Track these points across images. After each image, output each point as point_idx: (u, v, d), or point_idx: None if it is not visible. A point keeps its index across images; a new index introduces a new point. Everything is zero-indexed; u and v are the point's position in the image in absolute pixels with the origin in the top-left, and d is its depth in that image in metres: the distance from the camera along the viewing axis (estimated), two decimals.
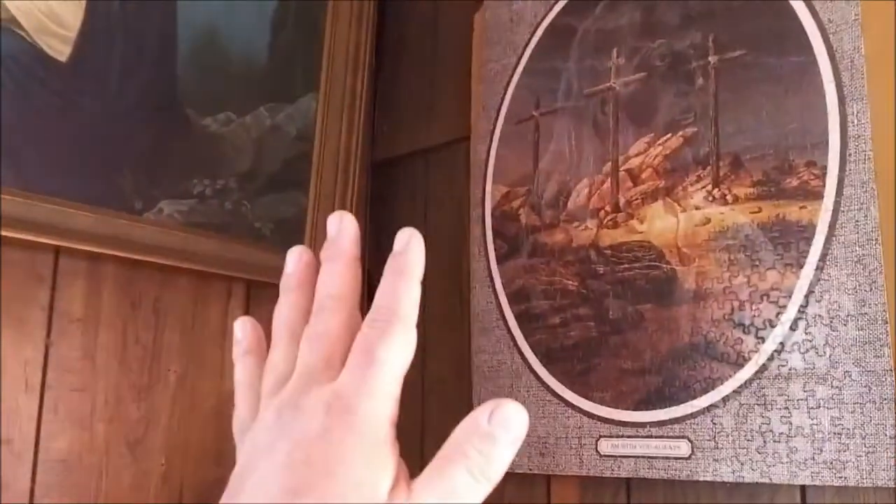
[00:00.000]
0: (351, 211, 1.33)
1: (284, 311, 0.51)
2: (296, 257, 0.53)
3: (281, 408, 0.44)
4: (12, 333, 1.00)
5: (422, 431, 1.25)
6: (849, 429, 0.82)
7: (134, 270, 1.11)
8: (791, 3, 0.93)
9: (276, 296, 1.36)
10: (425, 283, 1.44)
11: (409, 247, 0.48)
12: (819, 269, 0.86)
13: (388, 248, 1.56)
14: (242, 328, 0.54)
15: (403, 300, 0.45)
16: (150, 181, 1.12)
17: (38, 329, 1.02)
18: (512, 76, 1.21)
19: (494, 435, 0.42)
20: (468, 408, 1.16)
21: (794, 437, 0.85)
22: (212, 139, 1.20)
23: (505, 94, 1.21)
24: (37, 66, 1.03)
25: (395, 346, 0.44)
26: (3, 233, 0.97)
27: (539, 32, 1.19)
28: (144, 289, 1.12)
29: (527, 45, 1.20)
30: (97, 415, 1.06)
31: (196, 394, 1.15)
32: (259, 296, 1.24)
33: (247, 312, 1.23)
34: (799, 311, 0.87)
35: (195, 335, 1.17)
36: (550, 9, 1.18)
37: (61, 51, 1.06)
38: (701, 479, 0.91)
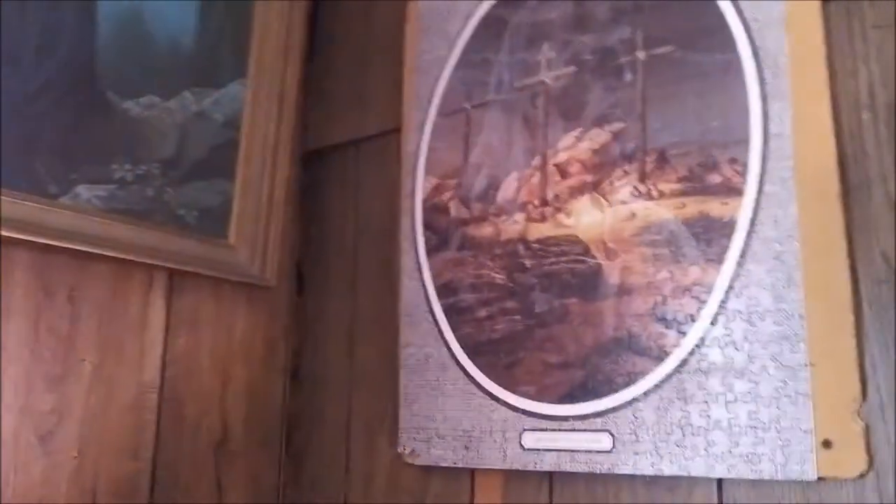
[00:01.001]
0: (278, 200, 1.31)
1: None
2: None
3: None
4: None
5: (348, 424, 1.24)
6: (765, 422, 0.83)
7: (48, 257, 1.06)
8: (717, 0, 0.94)
9: (201, 286, 1.31)
10: (356, 275, 1.42)
11: None
12: (739, 264, 0.87)
13: (318, 239, 1.54)
14: None
15: None
16: (67, 165, 1.08)
17: None
18: (444, 68, 1.20)
19: None
20: (395, 401, 1.15)
21: (712, 430, 0.86)
22: (133, 123, 1.16)
23: (437, 85, 1.20)
24: None
25: None
26: None
27: (472, 24, 1.18)
28: (59, 276, 1.08)
29: (459, 36, 1.19)
30: (5, 405, 1.01)
31: (113, 385, 1.12)
32: (182, 285, 1.21)
33: (169, 302, 1.19)
34: (719, 306, 0.88)
35: (113, 325, 1.13)
36: (483, 0, 1.17)
37: None
38: (621, 472, 0.92)
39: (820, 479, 0.79)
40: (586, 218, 1.00)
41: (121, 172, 1.14)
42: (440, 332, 1.11)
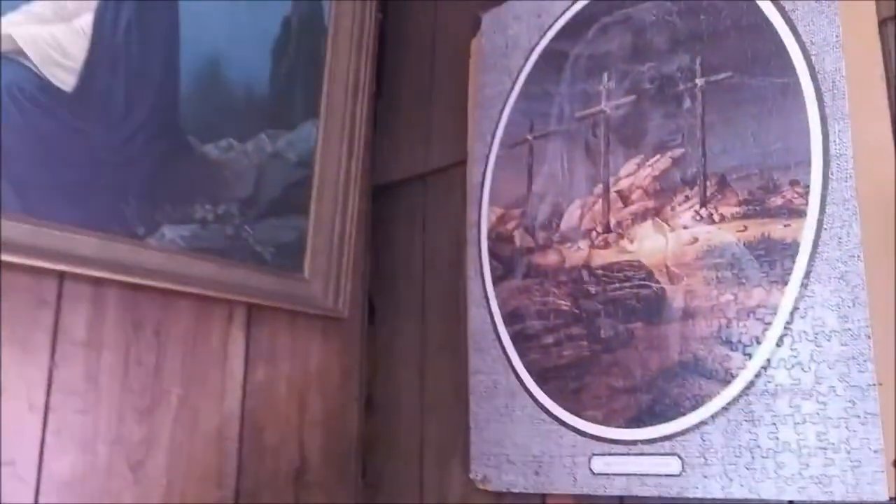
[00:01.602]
0: (350, 234, 1.35)
1: None
2: None
3: None
4: (17, 356, 1.02)
5: (420, 450, 1.26)
6: (834, 444, 0.82)
7: (136, 294, 1.13)
8: (775, 25, 0.95)
9: (278, 319, 1.36)
10: (425, 304, 1.44)
11: None
12: (803, 285, 0.87)
13: (387, 270, 1.57)
14: None
15: None
16: (153, 207, 1.15)
17: (42, 352, 1.04)
18: (507, 101, 1.23)
19: None
20: (465, 427, 1.18)
21: (781, 452, 0.86)
22: (213, 165, 1.23)
23: (500, 118, 1.23)
24: (42, 96, 1.07)
25: None
26: (8, 258, 1.00)
27: (533, 58, 1.21)
28: (147, 312, 1.14)
29: (521, 70, 1.22)
30: (100, 437, 1.07)
31: (198, 416, 1.17)
32: (260, 319, 1.26)
33: (248, 335, 1.25)
34: (784, 327, 0.88)
35: (197, 357, 1.18)
36: (544, 35, 1.20)
37: (66, 81, 1.09)
38: (691, 495, 0.92)
39: (892, 499, 0.78)
40: (649, 243, 1.01)
41: (202, 213, 1.20)
42: (508, 359, 1.13)
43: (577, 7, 1.17)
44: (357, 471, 1.35)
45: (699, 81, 1.01)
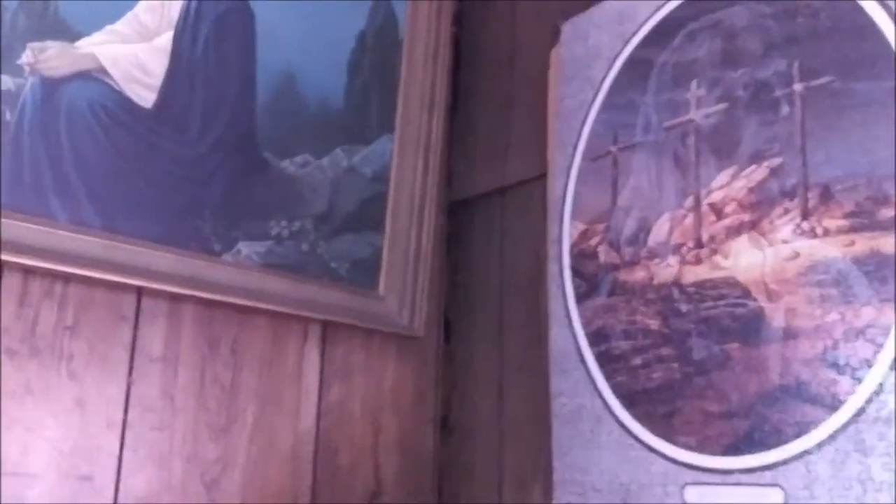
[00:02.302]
0: (425, 250, 1.32)
1: None
2: None
3: None
4: (96, 372, 1.02)
5: (500, 475, 1.22)
6: None
7: (212, 311, 1.12)
8: (880, 26, 0.89)
9: (352, 337, 1.35)
10: (503, 323, 1.40)
11: None
12: None
13: (464, 287, 1.54)
14: None
15: None
16: (229, 223, 1.14)
17: (120, 368, 1.04)
18: (589, 112, 1.19)
19: None
20: (547, 452, 1.12)
21: None
22: (289, 181, 1.21)
23: (582, 130, 1.19)
24: (122, 112, 1.07)
25: None
26: (89, 273, 1.00)
27: (616, 67, 1.17)
28: (223, 329, 1.13)
29: (604, 80, 1.18)
30: (175, 454, 1.07)
31: (273, 434, 1.15)
32: (335, 337, 1.24)
33: (323, 353, 1.23)
34: None
35: (272, 375, 1.17)
36: (627, 42, 1.16)
37: (146, 98, 1.10)
38: None
39: None
40: (745, 259, 0.95)
41: (277, 229, 1.19)
42: (593, 381, 1.08)
43: (662, 14, 1.12)
44: (433, 494, 1.31)
45: (797, 87, 0.95)
